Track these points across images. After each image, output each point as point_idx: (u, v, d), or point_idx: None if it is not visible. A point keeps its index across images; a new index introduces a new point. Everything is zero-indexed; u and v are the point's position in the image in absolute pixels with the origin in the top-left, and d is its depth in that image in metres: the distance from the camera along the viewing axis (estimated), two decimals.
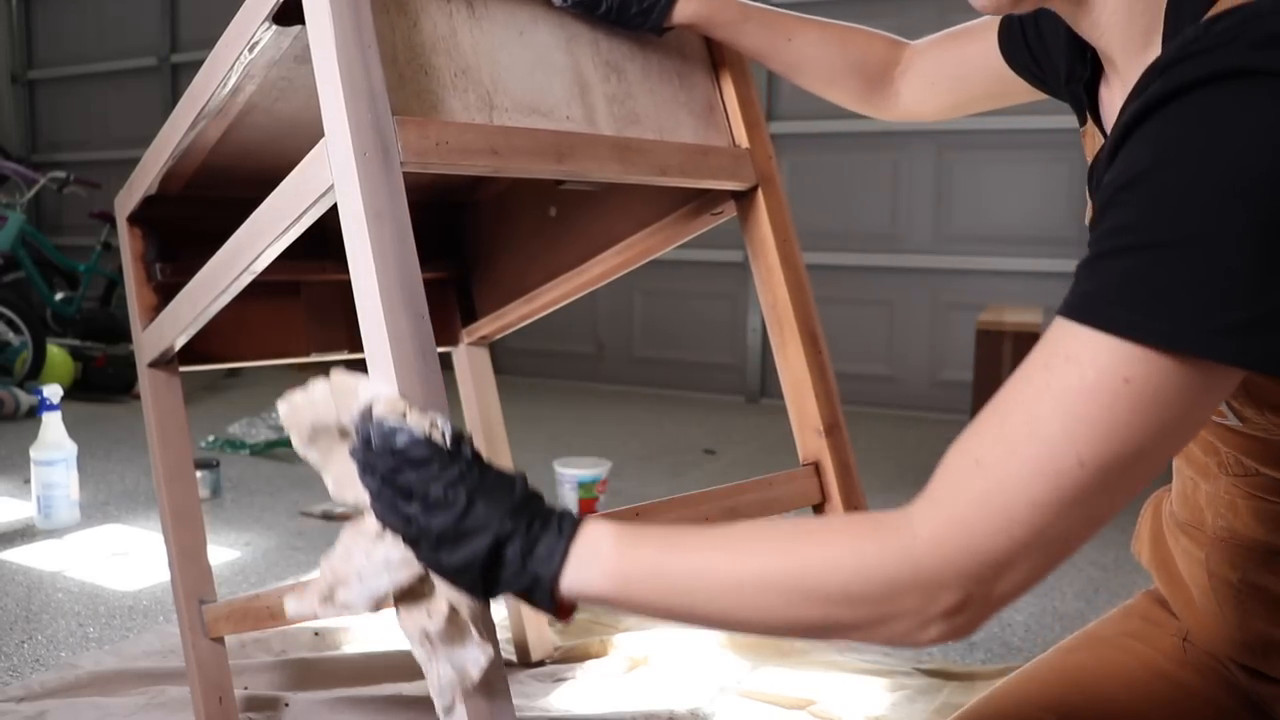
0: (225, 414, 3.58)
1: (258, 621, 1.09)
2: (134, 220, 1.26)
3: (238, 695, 1.34)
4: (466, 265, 1.54)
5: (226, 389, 4.24)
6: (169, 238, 1.27)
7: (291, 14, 0.82)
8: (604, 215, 1.26)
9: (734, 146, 1.05)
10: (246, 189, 1.07)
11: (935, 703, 1.51)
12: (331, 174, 0.77)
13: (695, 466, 3.07)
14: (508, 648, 1.65)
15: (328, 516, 2.46)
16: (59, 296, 4.72)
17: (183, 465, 1.27)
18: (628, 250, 1.22)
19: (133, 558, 2.16)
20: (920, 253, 3.97)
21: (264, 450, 3.12)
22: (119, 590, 1.96)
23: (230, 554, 2.19)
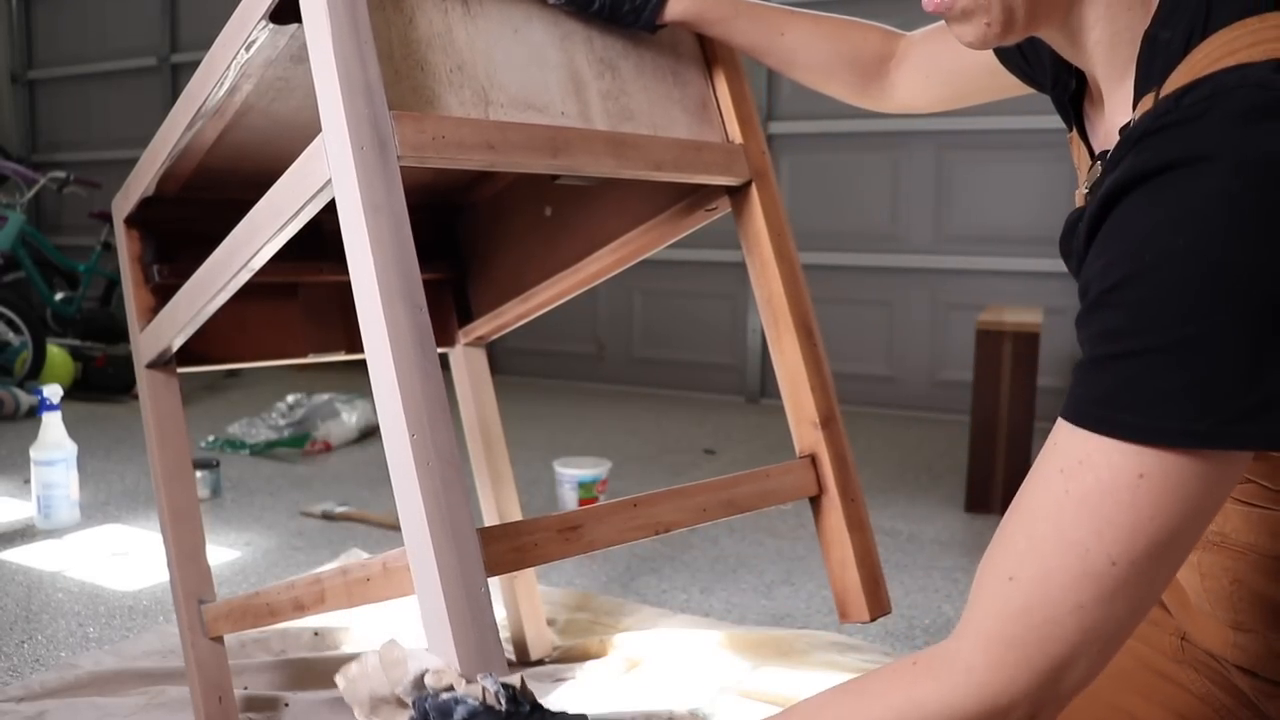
0: (225, 414, 3.59)
1: (257, 619, 1.09)
2: (131, 222, 1.27)
3: (237, 695, 1.34)
4: (462, 267, 1.54)
5: (226, 389, 4.25)
6: (166, 240, 1.28)
7: (288, 12, 0.83)
8: (599, 212, 1.26)
9: (727, 142, 1.05)
10: (243, 191, 1.08)
11: None
12: (329, 168, 0.77)
13: (695, 466, 3.07)
14: (506, 646, 1.65)
15: (328, 516, 2.46)
16: (59, 296, 4.72)
17: (181, 466, 1.27)
18: (623, 247, 1.23)
19: (132, 558, 2.16)
20: (920, 253, 3.97)
21: (264, 450, 3.12)
22: (119, 590, 1.96)
23: (230, 554, 2.19)
